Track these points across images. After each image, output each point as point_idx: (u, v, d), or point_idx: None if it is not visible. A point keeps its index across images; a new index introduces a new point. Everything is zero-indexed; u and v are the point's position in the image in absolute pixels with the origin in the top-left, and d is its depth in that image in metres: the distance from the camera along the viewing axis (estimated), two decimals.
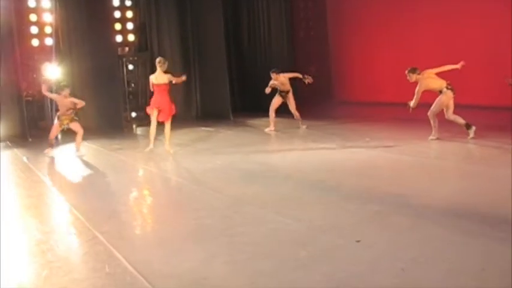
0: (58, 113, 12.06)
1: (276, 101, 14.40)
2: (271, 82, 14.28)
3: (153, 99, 11.84)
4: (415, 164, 9.37)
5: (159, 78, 11.63)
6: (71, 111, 12.03)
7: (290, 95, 14.42)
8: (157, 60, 11.80)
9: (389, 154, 10.30)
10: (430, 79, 11.05)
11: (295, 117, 14.49)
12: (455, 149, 10.61)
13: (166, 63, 11.78)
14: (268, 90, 14.25)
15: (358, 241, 5.44)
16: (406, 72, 11.27)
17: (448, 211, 6.34)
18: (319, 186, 8.11)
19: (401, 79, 15.43)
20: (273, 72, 14.34)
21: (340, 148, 11.29)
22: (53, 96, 12.48)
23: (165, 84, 11.63)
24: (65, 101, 11.97)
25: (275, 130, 14.28)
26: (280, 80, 14.27)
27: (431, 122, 11.20)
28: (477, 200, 6.75)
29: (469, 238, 5.39)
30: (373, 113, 15.47)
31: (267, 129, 14.36)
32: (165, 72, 11.70)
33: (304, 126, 14.31)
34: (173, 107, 11.96)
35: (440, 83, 11.00)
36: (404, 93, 14.56)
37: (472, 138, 10.79)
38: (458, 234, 5.53)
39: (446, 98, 10.94)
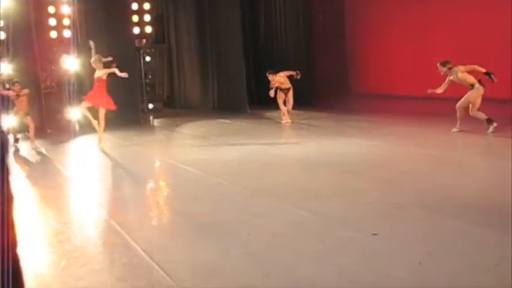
0: (15, 109, 12.45)
1: (280, 96, 14.47)
2: (272, 84, 14.30)
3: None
4: (433, 157, 9.31)
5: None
6: (25, 105, 12.59)
7: (291, 92, 14.50)
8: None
9: (407, 147, 10.24)
10: (464, 73, 11.09)
11: (288, 111, 14.50)
12: (476, 143, 10.54)
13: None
14: (272, 93, 14.29)
15: (374, 234, 5.42)
16: (438, 64, 11.36)
17: (466, 205, 6.31)
18: (336, 179, 8.09)
19: (418, 72, 15.41)
20: (269, 73, 14.36)
21: (358, 141, 11.24)
22: (9, 93, 12.78)
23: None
24: (19, 96, 12.51)
25: (291, 121, 14.28)
26: (278, 80, 14.32)
27: (458, 114, 11.20)
28: (495, 194, 6.70)
29: (486, 232, 5.36)
30: (390, 106, 15.37)
31: (283, 122, 14.36)
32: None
33: (288, 121, 14.33)
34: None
35: (473, 78, 11.05)
36: (420, 85, 14.49)
37: (492, 132, 10.72)
38: (475, 228, 5.50)
39: (477, 94, 11.00)
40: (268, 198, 7.11)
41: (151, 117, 17.12)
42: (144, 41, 18.67)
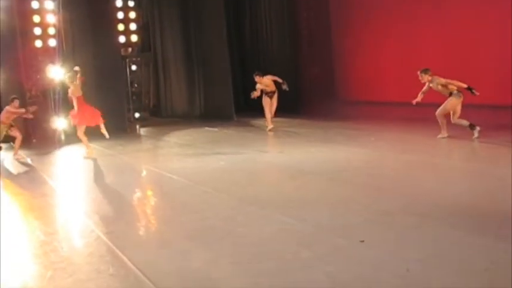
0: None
1: (266, 101, 14.56)
2: (258, 85, 14.43)
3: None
4: (421, 163, 9.33)
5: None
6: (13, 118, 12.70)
7: (275, 96, 14.60)
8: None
9: (394, 153, 10.27)
10: (443, 86, 11.22)
11: (270, 116, 14.56)
12: (462, 149, 10.60)
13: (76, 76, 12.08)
14: (256, 94, 14.43)
15: (362, 241, 5.41)
16: (419, 72, 11.48)
17: (455, 211, 6.31)
18: (323, 186, 8.08)
19: (405, 78, 15.45)
20: (256, 75, 14.51)
21: (345, 148, 11.25)
22: (20, 112, 12.99)
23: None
24: (13, 111, 12.68)
25: (274, 129, 14.34)
26: (265, 82, 14.45)
27: (439, 121, 11.27)
28: (483, 199, 6.72)
29: (475, 238, 5.36)
30: (377, 113, 15.42)
31: (268, 128, 14.42)
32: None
33: (270, 127, 14.38)
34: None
35: (452, 86, 11.14)
36: (407, 92, 14.53)
37: (477, 138, 10.79)
38: (464, 234, 5.50)
39: (456, 101, 11.08)
40: (255, 206, 7.09)
41: (137, 126, 17.05)
42: (130, 49, 18.61)
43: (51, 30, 16.34)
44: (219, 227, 6.30)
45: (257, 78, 14.46)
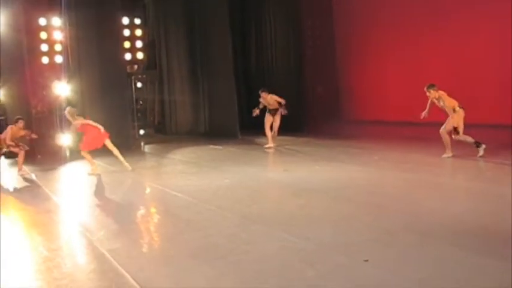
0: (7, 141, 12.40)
1: (268, 119, 14.78)
2: (261, 101, 14.72)
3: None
4: (424, 182, 9.32)
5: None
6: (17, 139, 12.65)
7: (278, 113, 14.76)
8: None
9: (398, 172, 10.26)
10: (445, 96, 11.26)
11: (272, 135, 14.80)
12: (466, 168, 10.58)
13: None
14: (256, 112, 14.74)
15: (366, 260, 5.40)
16: (426, 88, 11.45)
17: (458, 230, 6.30)
18: (327, 204, 8.08)
19: (409, 98, 15.48)
20: (262, 91, 14.75)
21: (348, 166, 11.26)
22: (28, 133, 12.98)
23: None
24: (19, 132, 12.60)
25: (274, 147, 14.51)
26: (268, 100, 14.68)
27: (444, 139, 11.27)
28: (487, 219, 6.70)
29: (479, 258, 5.34)
30: (380, 132, 15.45)
31: (266, 146, 14.60)
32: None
33: (270, 146, 14.60)
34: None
35: (454, 102, 11.17)
36: (411, 111, 14.53)
37: (481, 156, 10.79)
38: (467, 254, 5.49)
39: (458, 117, 11.08)
40: (259, 224, 7.08)
41: (142, 143, 17.11)
42: (135, 67, 18.77)
43: (58, 47, 16.49)
44: (222, 244, 6.30)
45: (263, 95, 14.65)
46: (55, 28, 16.70)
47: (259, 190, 9.59)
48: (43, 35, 16.76)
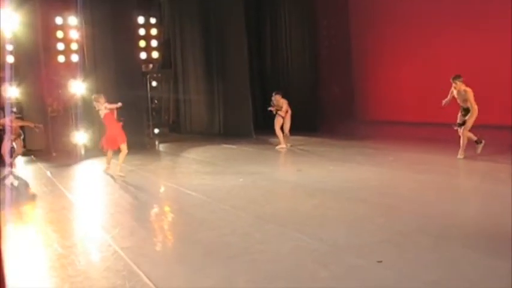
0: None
1: (278, 120, 14.81)
2: (273, 104, 14.81)
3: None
4: (438, 183, 9.27)
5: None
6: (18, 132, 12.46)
7: (288, 115, 14.77)
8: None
9: (412, 173, 10.21)
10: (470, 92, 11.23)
11: (284, 135, 14.84)
12: (481, 169, 10.50)
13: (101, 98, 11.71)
14: (273, 109, 14.82)
15: (379, 261, 5.38)
16: (452, 79, 11.40)
17: (472, 232, 6.26)
18: (341, 205, 8.06)
19: (425, 98, 15.42)
20: (277, 93, 14.85)
21: (363, 167, 11.23)
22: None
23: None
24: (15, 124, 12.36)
25: (287, 147, 14.57)
26: (280, 103, 14.73)
27: (463, 140, 11.17)
28: (502, 221, 6.65)
29: (492, 259, 5.31)
30: (395, 132, 15.39)
31: (278, 147, 14.61)
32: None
33: (283, 146, 14.65)
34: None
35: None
36: (426, 111, 14.49)
37: (479, 153, 10.87)
38: (481, 256, 5.45)
39: (475, 114, 10.99)
40: (272, 224, 7.08)
41: (156, 142, 17.16)
42: (150, 66, 18.80)
43: (74, 46, 16.57)
44: (235, 244, 6.30)
45: (277, 97, 14.72)
46: (71, 27, 16.78)
47: (274, 190, 9.59)
48: (59, 34, 16.84)
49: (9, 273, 5.36)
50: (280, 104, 14.71)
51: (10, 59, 15.33)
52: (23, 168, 13.31)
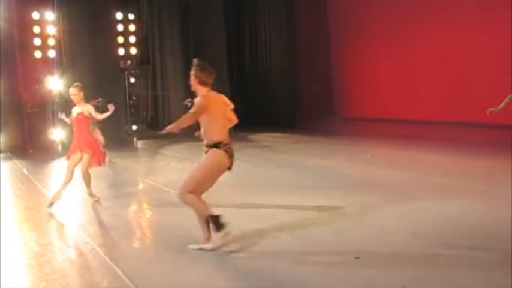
0: None
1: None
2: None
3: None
4: (417, 180, 9.31)
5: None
6: None
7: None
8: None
9: (390, 170, 10.26)
10: None
11: None
12: (459, 167, 10.54)
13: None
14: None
15: (356, 258, 5.41)
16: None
17: (451, 229, 6.30)
18: (319, 202, 8.07)
19: (402, 96, 15.52)
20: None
21: (341, 164, 11.26)
22: None
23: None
24: None
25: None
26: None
27: None
28: (481, 219, 6.69)
29: (473, 256, 5.35)
30: (375, 130, 15.46)
31: None
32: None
33: None
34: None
35: None
36: (405, 108, 14.57)
37: None
38: (460, 252, 5.50)
39: None
40: (252, 221, 7.07)
41: (135, 139, 17.07)
42: (128, 62, 18.71)
43: (51, 41, 16.42)
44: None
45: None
46: (48, 22, 16.63)
47: (253, 187, 9.56)
48: (36, 29, 16.68)
49: None
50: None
51: None
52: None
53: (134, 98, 18.69)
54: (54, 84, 15.20)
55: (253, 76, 19.59)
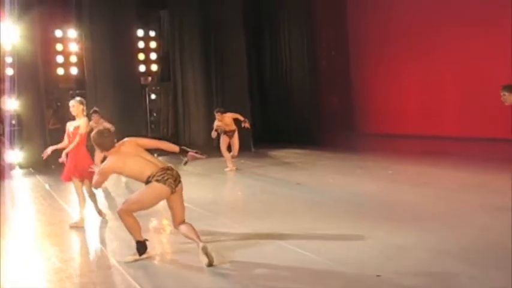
0: None
1: (224, 140, 13.66)
2: (216, 124, 13.54)
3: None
4: (438, 197, 9.22)
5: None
6: None
7: (236, 135, 13.75)
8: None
9: (412, 187, 10.18)
10: None
11: (232, 156, 13.73)
12: (480, 183, 10.42)
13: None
14: (214, 134, 13.68)
15: (378, 276, 5.35)
16: (501, 90, 8.78)
17: (472, 247, 6.21)
18: (340, 219, 8.02)
19: (424, 111, 15.41)
20: (217, 112, 13.62)
21: (362, 180, 11.20)
22: None
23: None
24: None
25: (235, 170, 13.57)
26: (225, 120, 13.58)
27: None
28: (501, 238, 6.61)
29: (490, 274, 5.28)
30: (396, 145, 15.37)
31: (226, 169, 13.56)
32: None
33: (232, 169, 13.50)
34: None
35: None
36: (427, 124, 14.42)
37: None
38: (479, 270, 5.42)
39: None
40: (271, 238, 7.04)
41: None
42: (149, 78, 18.86)
43: (73, 59, 16.55)
44: (234, 259, 6.26)
45: (218, 115, 13.52)
46: (70, 40, 16.83)
47: (273, 204, 9.53)
48: (59, 47, 16.89)
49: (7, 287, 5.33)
50: (226, 121, 13.57)
51: (10, 72, 15.35)
52: (20, 180, 13.27)
53: (155, 114, 18.80)
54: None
55: (273, 93, 19.61)
